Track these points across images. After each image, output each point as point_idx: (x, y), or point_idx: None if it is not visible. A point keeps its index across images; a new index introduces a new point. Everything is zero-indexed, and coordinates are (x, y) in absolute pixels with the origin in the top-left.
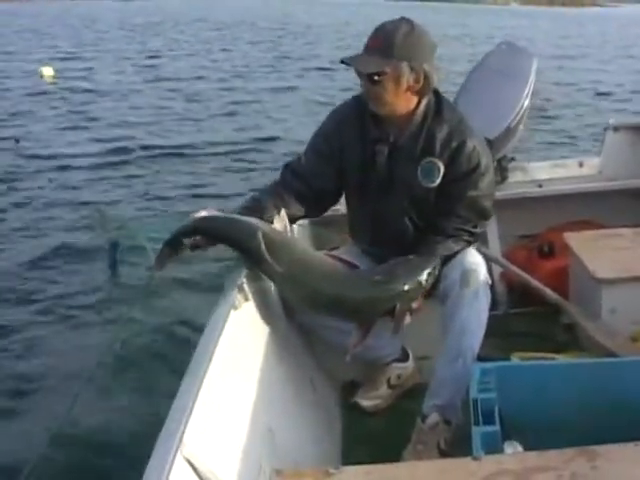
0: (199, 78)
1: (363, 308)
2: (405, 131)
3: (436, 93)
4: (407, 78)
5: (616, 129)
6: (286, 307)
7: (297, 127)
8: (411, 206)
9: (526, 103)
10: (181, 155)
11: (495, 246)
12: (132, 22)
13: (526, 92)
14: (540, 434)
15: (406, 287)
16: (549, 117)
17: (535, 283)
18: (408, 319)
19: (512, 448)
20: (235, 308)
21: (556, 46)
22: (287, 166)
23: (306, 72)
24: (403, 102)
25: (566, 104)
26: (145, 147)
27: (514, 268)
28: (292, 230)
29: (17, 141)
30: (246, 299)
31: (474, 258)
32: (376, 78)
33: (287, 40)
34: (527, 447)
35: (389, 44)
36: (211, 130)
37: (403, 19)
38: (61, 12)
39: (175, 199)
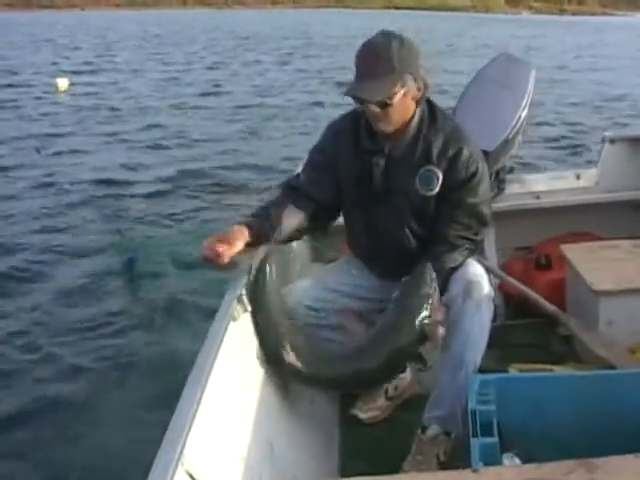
0: (216, 93)
1: (395, 365)
2: (401, 141)
3: (428, 101)
4: (413, 89)
5: (613, 141)
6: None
7: None
8: (410, 216)
9: (524, 114)
10: (197, 173)
11: (492, 258)
12: (145, 32)
13: (524, 103)
14: (539, 446)
15: (420, 317)
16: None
17: (533, 295)
18: (442, 330)
19: (510, 460)
20: (234, 319)
21: (576, 56)
22: (287, 183)
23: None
24: (407, 114)
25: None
26: (160, 163)
27: (511, 280)
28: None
29: (38, 151)
30: (245, 310)
31: (477, 270)
32: (388, 102)
33: (306, 52)
34: (526, 459)
35: (389, 61)
36: (232, 149)
37: (384, 33)
38: (75, 22)
39: (190, 217)
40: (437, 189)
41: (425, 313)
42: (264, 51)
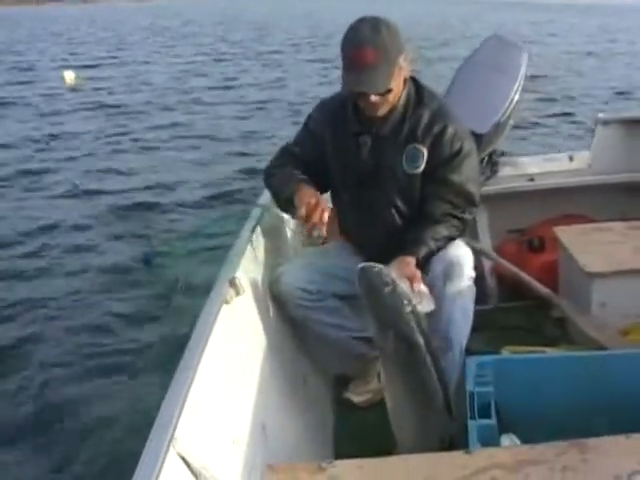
0: (227, 87)
1: None
2: (388, 121)
3: (414, 79)
4: (405, 69)
5: (606, 123)
6: (278, 302)
7: None
8: (397, 195)
9: (516, 97)
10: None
11: (486, 240)
12: (148, 24)
13: (516, 86)
14: (535, 427)
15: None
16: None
17: (525, 277)
18: (418, 286)
19: (509, 441)
20: (227, 302)
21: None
22: (284, 150)
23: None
24: (399, 94)
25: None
26: (173, 158)
27: (505, 262)
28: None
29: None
30: (238, 293)
31: (458, 250)
32: (389, 88)
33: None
34: (523, 440)
35: (385, 50)
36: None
37: (367, 21)
38: (80, 15)
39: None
40: (423, 166)
41: (406, 310)
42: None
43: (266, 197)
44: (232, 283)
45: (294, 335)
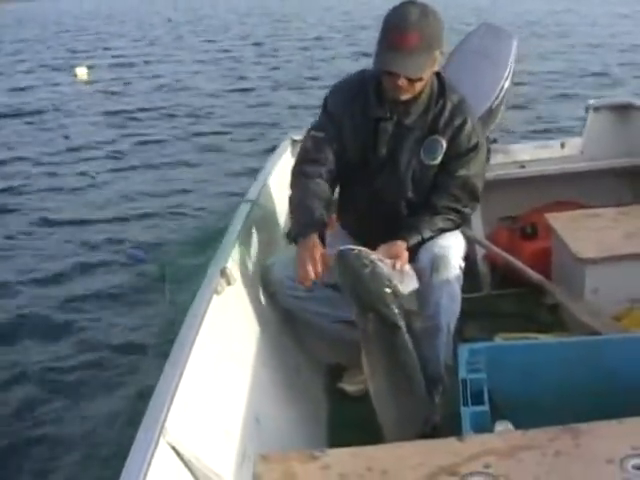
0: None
1: None
2: (412, 110)
3: (436, 72)
4: (438, 63)
5: (597, 109)
6: (269, 292)
7: None
8: (410, 185)
9: (506, 85)
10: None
11: (478, 228)
12: (156, 16)
13: (506, 74)
14: (530, 413)
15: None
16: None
17: (518, 264)
18: (399, 265)
19: (503, 427)
20: (218, 293)
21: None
22: (302, 164)
23: None
24: (427, 85)
25: None
26: (184, 155)
27: (497, 249)
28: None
29: (67, 137)
30: (229, 284)
31: (446, 241)
32: (420, 76)
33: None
34: (517, 426)
35: (427, 38)
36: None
37: (416, 4)
38: (90, 9)
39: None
40: (440, 158)
41: (386, 291)
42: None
43: (256, 190)
44: (223, 273)
45: (286, 325)
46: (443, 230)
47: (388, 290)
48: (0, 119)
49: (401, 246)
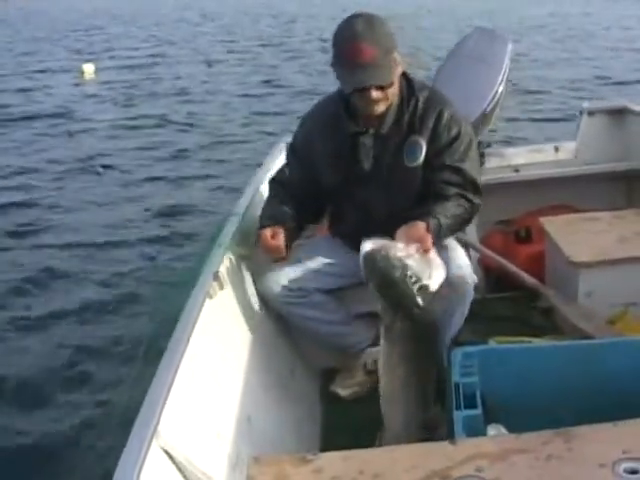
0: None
1: None
2: (386, 118)
3: (402, 74)
4: (400, 65)
5: (591, 113)
6: (262, 296)
7: None
8: (398, 191)
9: (501, 89)
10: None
11: (472, 231)
12: (166, 17)
13: (501, 78)
14: (523, 417)
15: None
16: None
17: (512, 268)
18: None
19: (496, 431)
20: (210, 297)
21: None
22: (274, 180)
23: None
24: (397, 90)
25: None
26: (190, 151)
27: (491, 253)
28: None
29: (70, 134)
30: (221, 287)
31: (462, 260)
32: (390, 82)
33: None
34: (510, 430)
35: (381, 44)
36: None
37: (359, 16)
38: (101, 6)
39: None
40: (422, 158)
41: (415, 292)
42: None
43: (249, 195)
44: (215, 277)
45: (279, 328)
46: (456, 217)
47: (419, 290)
48: (6, 119)
49: (422, 227)
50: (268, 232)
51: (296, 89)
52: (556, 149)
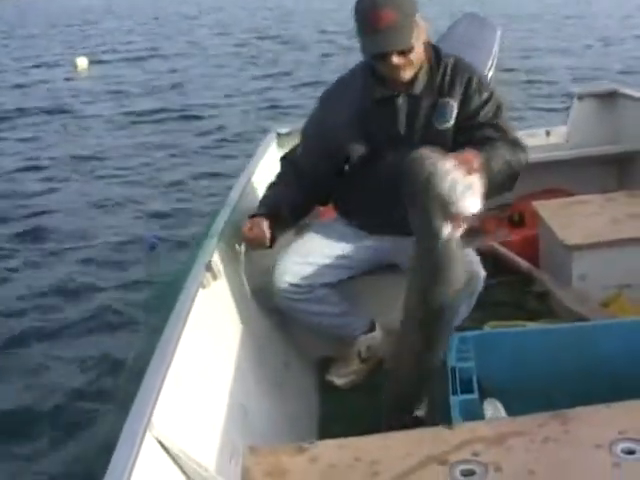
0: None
1: None
2: (416, 83)
3: (427, 42)
4: (422, 29)
5: (581, 97)
6: (255, 286)
7: None
8: None
9: (490, 74)
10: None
11: None
12: (163, 11)
13: (490, 63)
14: (518, 400)
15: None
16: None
17: (506, 252)
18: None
19: (492, 406)
20: (204, 287)
21: None
22: (285, 159)
23: None
24: (422, 55)
25: None
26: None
27: (486, 239)
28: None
29: (64, 129)
30: (215, 278)
31: (472, 256)
32: (411, 47)
33: None
34: (507, 413)
35: (400, 7)
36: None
37: None
38: (97, 2)
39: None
40: (452, 121)
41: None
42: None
43: (241, 186)
44: (208, 267)
45: (274, 319)
46: (505, 162)
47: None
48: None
49: (472, 150)
50: (248, 224)
51: (294, 82)
52: (547, 133)
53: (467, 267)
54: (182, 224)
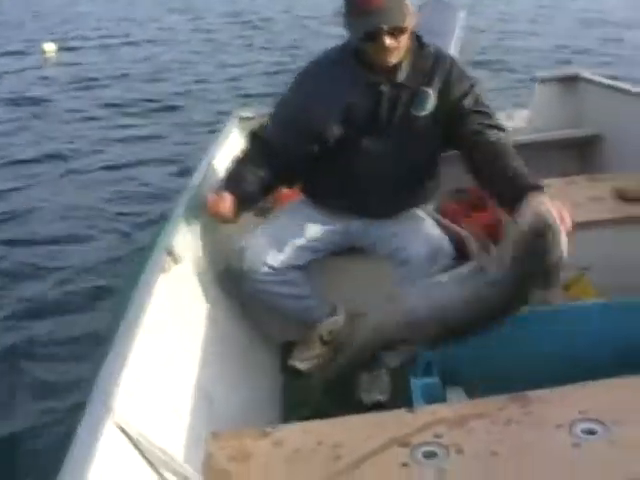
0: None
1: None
2: (401, 68)
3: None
4: (413, 14)
5: (544, 81)
6: (218, 270)
7: None
8: (406, 142)
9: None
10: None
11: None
12: None
13: (452, 47)
14: (481, 385)
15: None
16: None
17: (467, 236)
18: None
19: (455, 394)
20: (164, 271)
21: None
22: (255, 135)
23: None
24: (409, 40)
25: None
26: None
27: (449, 223)
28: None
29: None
30: (176, 262)
31: (438, 232)
32: (403, 26)
33: None
34: (469, 397)
35: None
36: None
37: None
38: None
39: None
40: (431, 109)
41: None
42: None
43: (203, 168)
44: (169, 252)
45: (236, 303)
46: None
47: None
48: None
49: (548, 199)
50: (212, 197)
51: (266, 69)
52: (509, 117)
53: (437, 243)
54: (148, 209)
